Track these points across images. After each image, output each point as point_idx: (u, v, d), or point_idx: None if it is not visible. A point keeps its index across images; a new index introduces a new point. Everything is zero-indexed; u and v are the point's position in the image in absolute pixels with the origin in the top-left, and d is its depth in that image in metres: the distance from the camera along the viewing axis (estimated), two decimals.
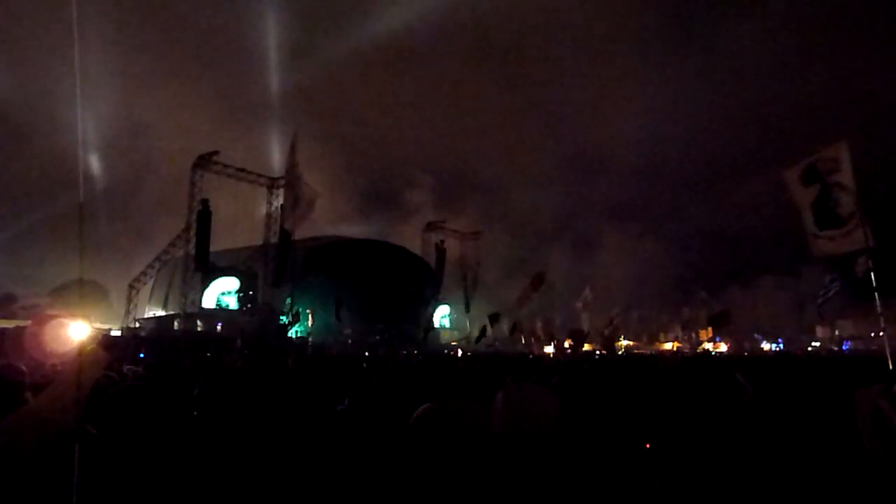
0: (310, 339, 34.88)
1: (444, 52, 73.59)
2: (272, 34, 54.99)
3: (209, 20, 62.06)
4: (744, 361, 15.32)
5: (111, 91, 55.45)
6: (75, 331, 3.13)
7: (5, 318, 37.91)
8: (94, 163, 50.12)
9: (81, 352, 2.77)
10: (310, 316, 37.83)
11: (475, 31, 74.98)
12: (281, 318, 38.78)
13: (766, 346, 50.63)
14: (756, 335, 53.90)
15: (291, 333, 34.11)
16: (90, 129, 49.35)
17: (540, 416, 2.50)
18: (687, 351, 45.97)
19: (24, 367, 3.55)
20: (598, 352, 32.50)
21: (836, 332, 52.03)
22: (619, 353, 38.70)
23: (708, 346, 49.42)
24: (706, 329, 49.91)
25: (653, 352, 44.81)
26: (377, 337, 42.84)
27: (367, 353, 20.43)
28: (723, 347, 48.99)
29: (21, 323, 32.93)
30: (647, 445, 3.11)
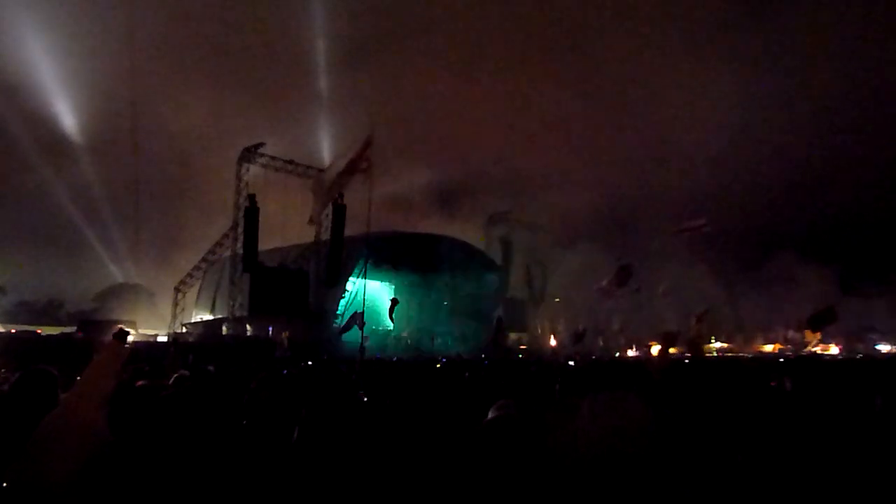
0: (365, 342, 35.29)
1: (495, 46, 72.68)
2: (329, 28, 55.11)
3: (259, 16, 63.27)
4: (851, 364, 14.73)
5: (152, 90, 57.24)
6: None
7: (51, 324, 39.96)
8: (139, 167, 52.08)
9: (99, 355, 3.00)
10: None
11: (537, 28, 73.74)
12: (335, 320, 39.38)
13: (883, 347, 48.18)
14: (870, 336, 51.31)
15: (346, 337, 34.49)
16: (135, 135, 51.29)
17: (631, 429, 2.44)
18: (790, 354, 44.36)
19: (55, 372, 3.90)
20: (685, 355, 31.75)
21: None
22: (708, 355, 37.71)
23: (815, 348, 47.58)
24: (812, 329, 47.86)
25: (749, 354, 43.52)
26: (438, 339, 43.01)
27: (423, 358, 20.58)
28: (833, 350, 47.06)
29: (66, 329, 34.63)
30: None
